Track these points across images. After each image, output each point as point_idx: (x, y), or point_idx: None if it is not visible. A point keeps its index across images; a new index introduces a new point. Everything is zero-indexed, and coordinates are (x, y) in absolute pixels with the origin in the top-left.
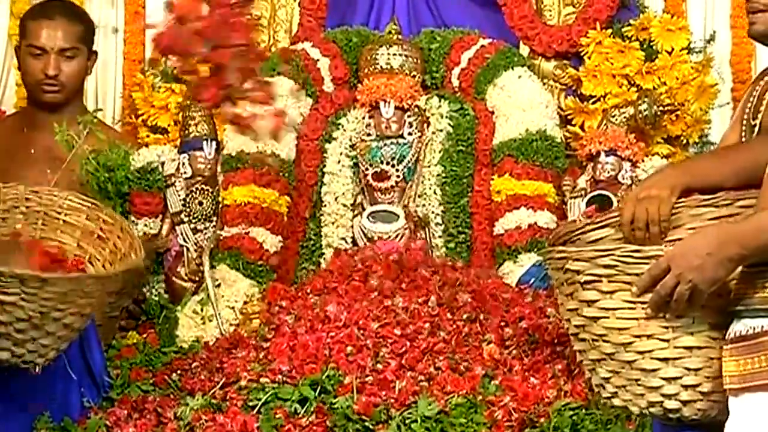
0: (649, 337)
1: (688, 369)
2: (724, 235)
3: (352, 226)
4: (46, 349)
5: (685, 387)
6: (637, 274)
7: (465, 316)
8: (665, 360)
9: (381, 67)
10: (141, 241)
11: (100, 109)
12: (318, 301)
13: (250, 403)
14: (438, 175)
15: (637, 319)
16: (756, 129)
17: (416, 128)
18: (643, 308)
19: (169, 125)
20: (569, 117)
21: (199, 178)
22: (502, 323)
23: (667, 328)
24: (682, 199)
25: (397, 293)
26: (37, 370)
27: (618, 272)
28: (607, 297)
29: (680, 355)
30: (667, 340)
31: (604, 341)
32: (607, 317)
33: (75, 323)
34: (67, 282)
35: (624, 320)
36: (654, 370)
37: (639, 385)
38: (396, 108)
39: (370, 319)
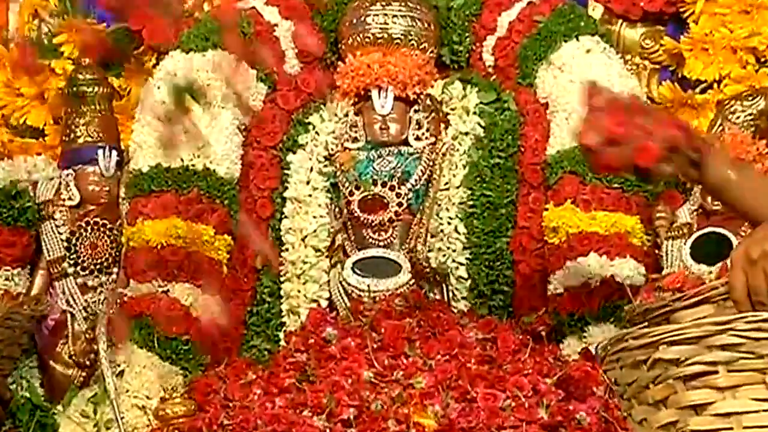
0: None
1: None
2: None
3: (328, 282)
4: None
5: None
6: None
7: None
8: None
9: (374, 35)
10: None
11: None
12: (273, 405)
13: None
14: (462, 202)
15: None
16: None
17: (428, 130)
18: None
19: (45, 125)
20: None
21: (92, 208)
22: None
23: None
24: None
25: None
26: None
27: (744, 355)
28: (728, 396)
29: None
30: None
31: None
32: (730, 428)
33: None
34: None
35: (757, 430)
36: None
37: None
38: (397, 99)
39: None
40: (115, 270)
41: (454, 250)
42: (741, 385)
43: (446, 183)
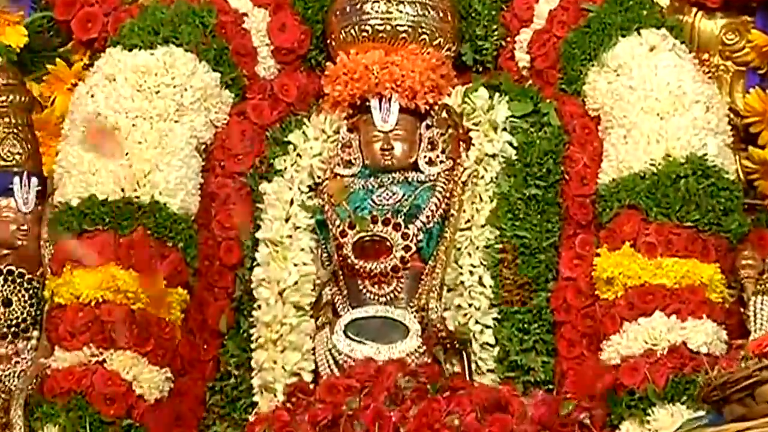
0: None
1: None
2: None
3: (313, 350)
4: None
5: None
6: None
7: None
8: None
9: (373, 28)
10: None
11: None
12: None
13: None
14: (488, 246)
15: None
16: None
17: (444, 152)
18: None
19: None
20: (753, 129)
21: (6, 253)
22: None
23: None
24: None
25: None
26: None
27: None
28: None
29: None
30: None
31: None
32: None
33: None
34: None
35: None
36: None
37: None
38: (403, 111)
39: None
40: (35, 334)
41: (477, 309)
42: None
43: (468, 221)
